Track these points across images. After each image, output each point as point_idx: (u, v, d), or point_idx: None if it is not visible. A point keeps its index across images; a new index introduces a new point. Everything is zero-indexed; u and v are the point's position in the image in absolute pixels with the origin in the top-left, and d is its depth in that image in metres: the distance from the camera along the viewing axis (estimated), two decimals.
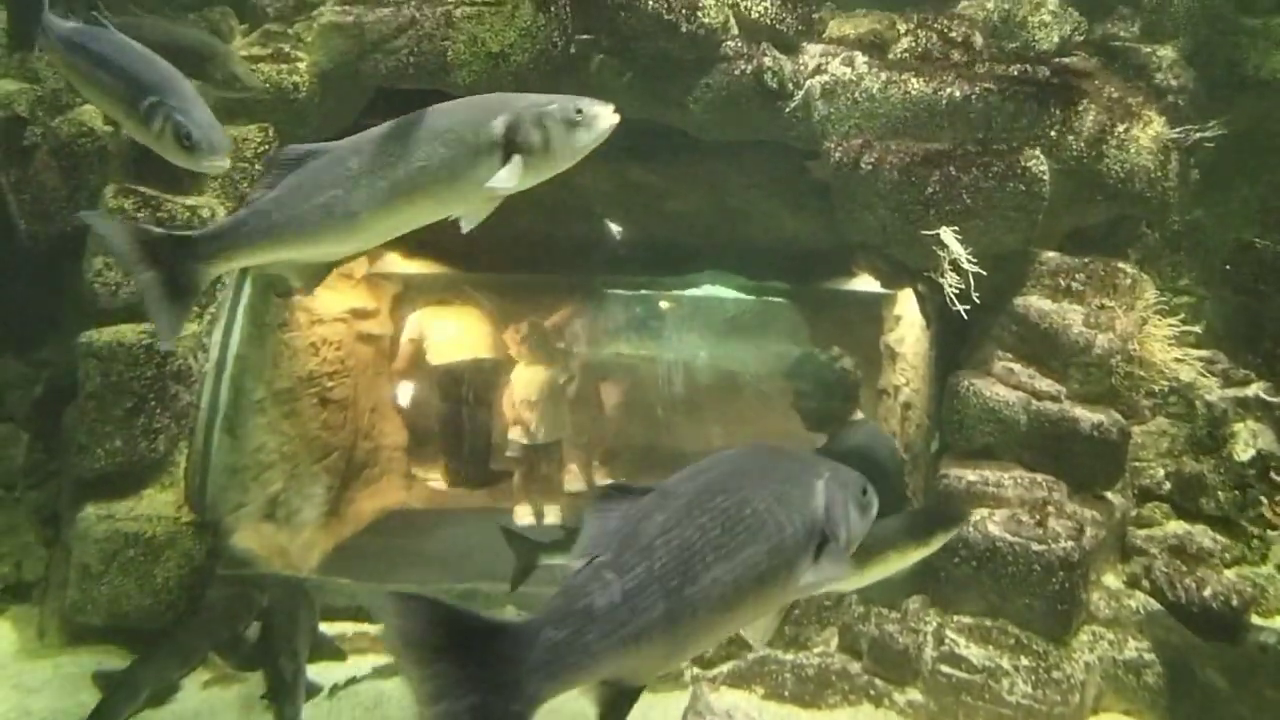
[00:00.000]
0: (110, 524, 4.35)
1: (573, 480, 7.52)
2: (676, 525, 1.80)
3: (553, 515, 6.90)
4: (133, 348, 4.40)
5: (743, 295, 6.95)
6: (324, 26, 4.89)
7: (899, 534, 3.43)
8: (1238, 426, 5.02)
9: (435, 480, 7.43)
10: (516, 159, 2.42)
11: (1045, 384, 4.60)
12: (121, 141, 4.76)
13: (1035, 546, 4.34)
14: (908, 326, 6.01)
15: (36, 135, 4.87)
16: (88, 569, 4.32)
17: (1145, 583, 4.61)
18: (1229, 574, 4.59)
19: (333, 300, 5.98)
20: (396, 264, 6.17)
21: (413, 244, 5.77)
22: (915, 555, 3.40)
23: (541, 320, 7.16)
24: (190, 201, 4.59)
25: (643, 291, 7.43)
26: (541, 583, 5.00)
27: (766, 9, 5.07)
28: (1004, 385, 4.63)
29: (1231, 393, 5.12)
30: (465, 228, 2.60)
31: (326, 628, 4.58)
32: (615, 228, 6.18)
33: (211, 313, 4.72)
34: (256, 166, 4.76)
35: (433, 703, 1.56)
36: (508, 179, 2.42)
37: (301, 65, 4.87)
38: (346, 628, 4.64)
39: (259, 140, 4.80)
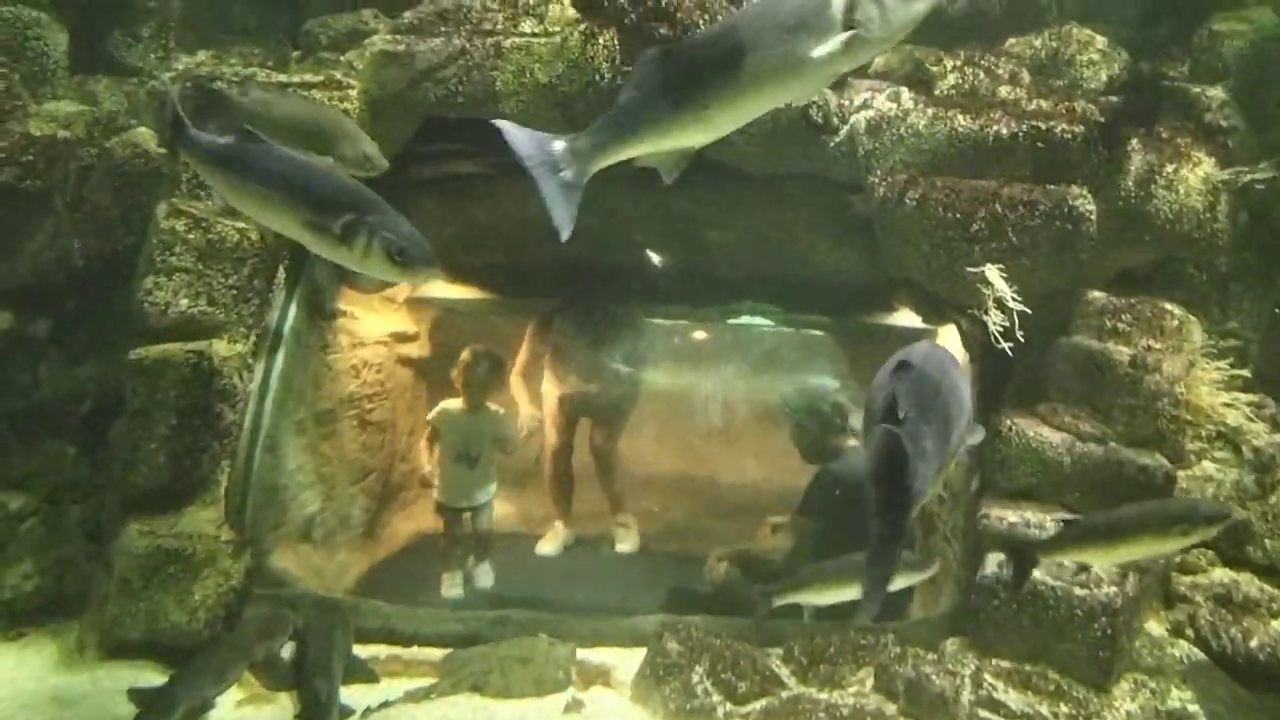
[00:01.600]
0: (151, 540, 4.40)
1: (549, 542, 6.64)
2: None
3: (485, 578, 5.96)
4: (180, 366, 4.46)
5: (782, 327, 6.93)
6: (375, 55, 4.97)
7: (1156, 519, 3.41)
8: None
9: None
10: (855, 35, 2.48)
11: (1090, 425, 4.54)
12: (174, 162, 4.85)
13: (1077, 591, 4.27)
14: None
15: (92, 156, 4.97)
16: (128, 584, 4.36)
17: (1189, 631, 4.52)
18: (1276, 624, 4.49)
19: (374, 323, 6.04)
20: (438, 289, 6.22)
21: (454, 269, 5.82)
22: (1168, 546, 3.38)
23: (492, 350, 6.10)
24: (241, 224, 4.66)
25: (681, 321, 7.42)
26: (575, 611, 5.01)
27: None
28: (1048, 425, 4.58)
29: None
30: (667, 179, 2.91)
31: (360, 650, 4.58)
32: (656, 257, 6.20)
33: (258, 334, 4.78)
34: None
35: None
36: (847, 56, 2.52)
37: (353, 93, 4.95)
38: (380, 650, 4.64)
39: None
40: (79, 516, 4.82)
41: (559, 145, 2.77)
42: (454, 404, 6.01)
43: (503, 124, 2.87)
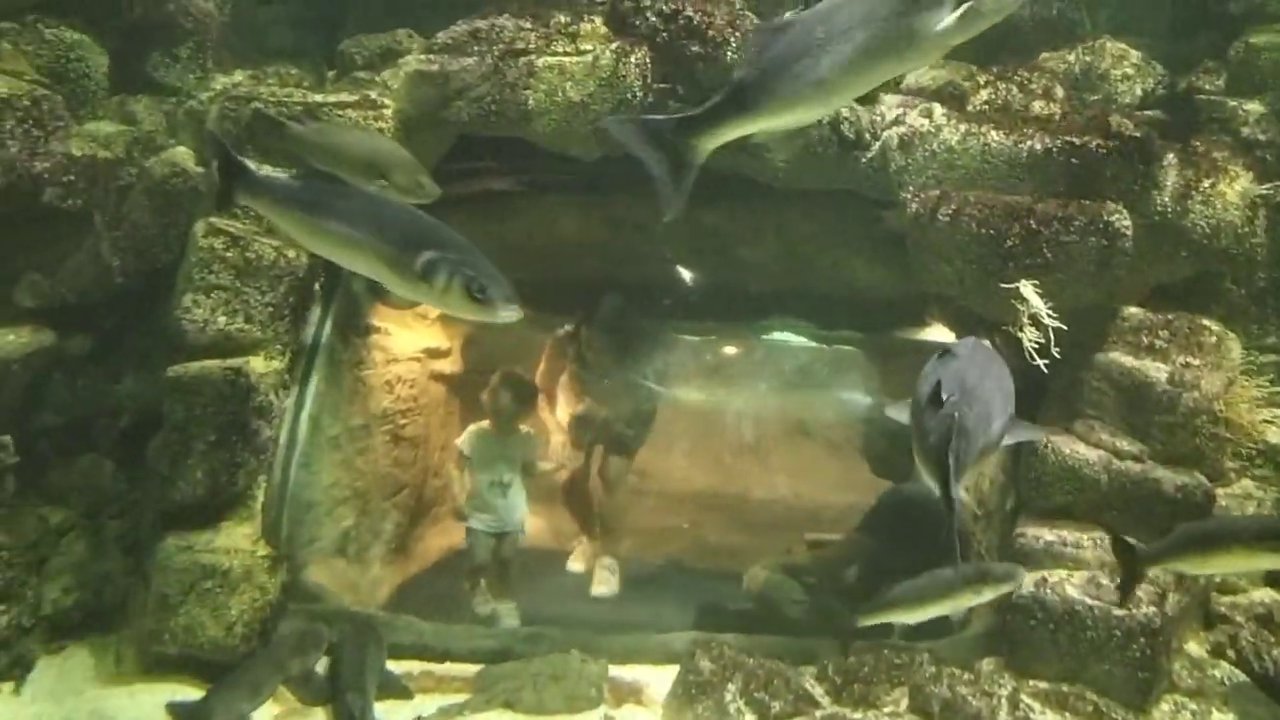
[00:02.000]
0: (189, 555, 4.44)
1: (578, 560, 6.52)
2: None
3: (510, 618, 5.62)
4: (218, 383, 4.51)
5: (813, 343, 6.92)
6: (410, 75, 5.01)
7: (1253, 532, 3.44)
8: None
9: None
10: (969, 7, 2.53)
11: (1126, 443, 4.50)
12: (213, 182, 4.91)
13: (1115, 611, 4.23)
14: None
15: (131, 175, 5.05)
16: (165, 599, 4.40)
17: (1230, 652, 4.46)
18: None
19: (408, 339, 6.09)
20: None
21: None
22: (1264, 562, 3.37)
23: (521, 376, 6.09)
24: (278, 242, 4.72)
25: (712, 338, 7.42)
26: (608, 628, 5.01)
27: None
28: (1084, 443, 4.54)
29: None
30: (667, 217, 2.98)
31: (393, 665, 4.60)
32: (686, 273, 6.21)
33: (293, 351, 4.83)
34: None
35: None
36: (960, 27, 2.56)
37: (387, 112, 4.99)
38: (413, 666, 4.66)
39: None
40: (117, 531, 4.87)
41: (669, 128, 2.81)
42: (483, 426, 5.98)
43: (607, 121, 2.96)
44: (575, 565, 6.55)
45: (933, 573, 4.18)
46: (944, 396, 2.53)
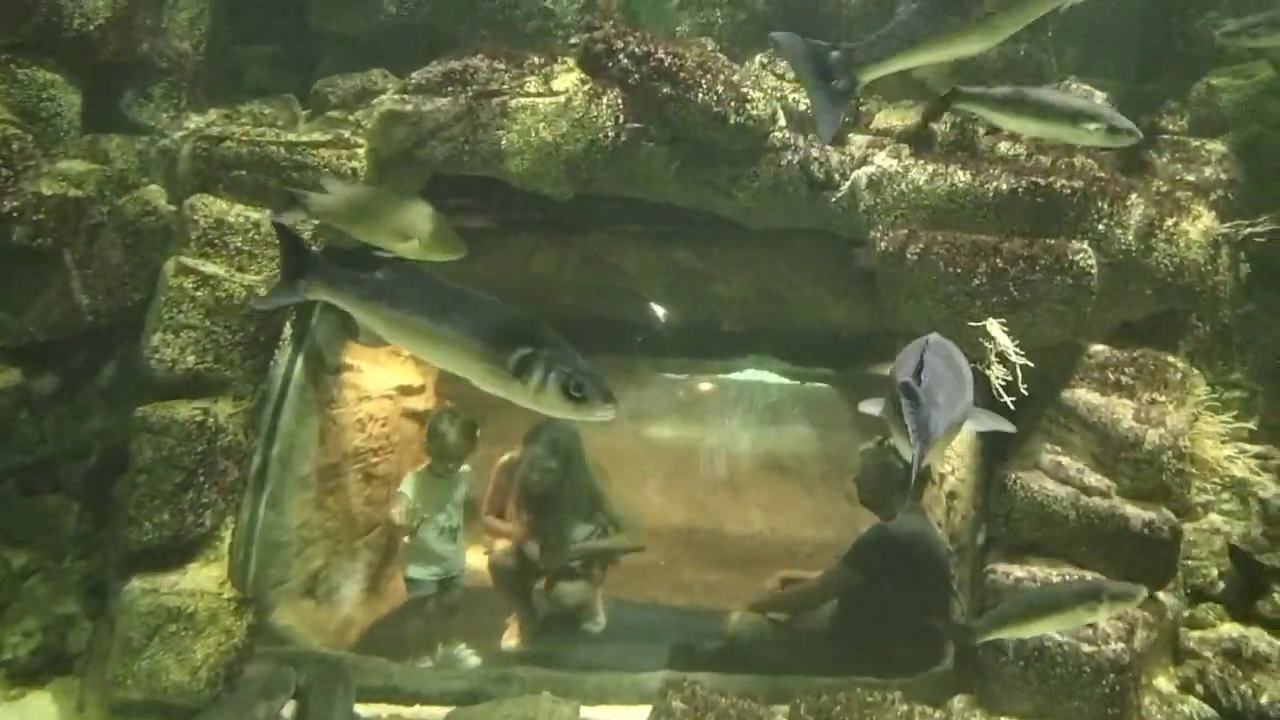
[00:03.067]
0: (154, 598, 4.39)
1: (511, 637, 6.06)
2: None
3: (470, 659, 5.59)
4: (185, 423, 4.49)
5: (786, 380, 6.95)
6: (383, 114, 5.04)
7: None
8: None
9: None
10: None
11: (1094, 479, 4.53)
12: (183, 220, 4.91)
13: (1085, 647, 4.24)
14: None
15: (102, 214, 5.03)
16: (129, 643, 4.35)
17: (1199, 687, 4.47)
18: None
19: (380, 376, 6.07)
20: None
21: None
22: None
23: (458, 413, 5.83)
24: (248, 281, 4.72)
25: (685, 375, 7.45)
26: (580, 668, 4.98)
27: None
28: (1052, 480, 4.57)
29: None
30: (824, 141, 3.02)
31: (362, 709, 4.55)
32: (659, 311, 6.23)
33: (264, 389, 4.81)
34: (315, 248, 4.88)
35: None
36: None
37: (360, 151, 5.01)
38: (382, 709, 4.61)
39: (317, 223, 4.92)
40: (82, 573, 4.82)
41: (834, 54, 2.83)
42: (424, 470, 5.81)
43: (778, 35, 2.93)
44: (509, 643, 6.09)
45: (1049, 586, 4.17)
46: (922, 375, 2.67)
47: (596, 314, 5.91)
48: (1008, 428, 3.34)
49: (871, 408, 3.09)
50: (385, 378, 6.16)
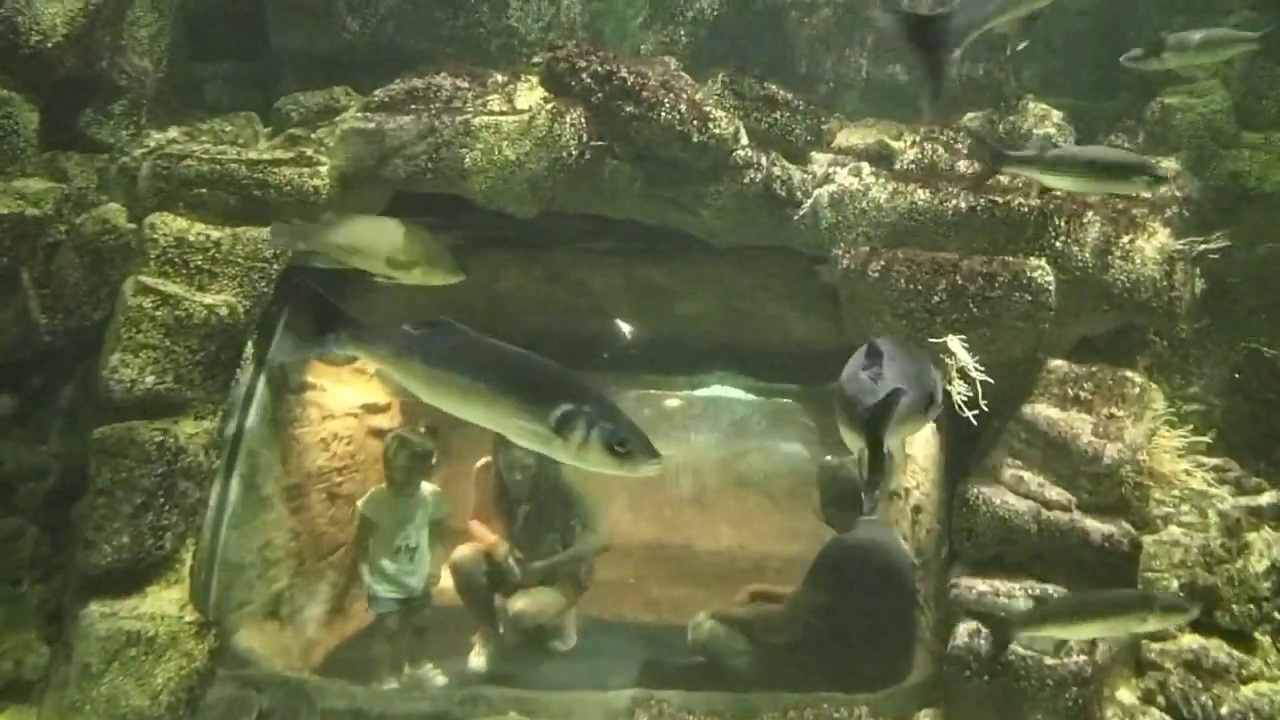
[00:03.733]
0: (113, 622, 4.33)
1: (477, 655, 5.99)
2: None
3: (437, 678, 5.62)
4: (145, 444, 4.44)
5: (751, 396, 6.98)
6: (346, 132, 5.03)
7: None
8: (1252, 537, 4.97)
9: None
10: None
11: (1055, 493, 4.58)
12: (142, 239, 4.87)
13: (1048, 661, 4.28)
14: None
15: (60, 233, 4.97)
16: (88, 668, 4.28)
17: (1161, 699, 4.52)
18: (1246, 690, 4.50)
19: (344, 395, 6.04)
20: None
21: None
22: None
23: (414, 436, 5.83)
24: (209, 300, 4.68)
25: (652, 391, 7.46)
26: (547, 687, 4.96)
27: (776, 120, 5.22)
28: (1014, 494, 4.61)
29: (1244, 501, 5.09)
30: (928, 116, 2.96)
31: None
32: (625, 327, 6.25)
33: (225, 409, 4.77)
34: (275, 267, 4.85)
35: None
36: None
37: (323, 169, 4.99)
38: None
39: None
40: (40, 597, 4.73)
41: (934, 21, 2.81)
42: (384, 489, 5.79)
43: (879, 13, 2.94)
44: (476, 661, 6.01)
45: (1098, 591, 4.19)
46: (869, 369, 2.75)
47: (562, 331, 5.91)
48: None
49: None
50: (350, 396, 6.12)
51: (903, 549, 5.67)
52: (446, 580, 5.98)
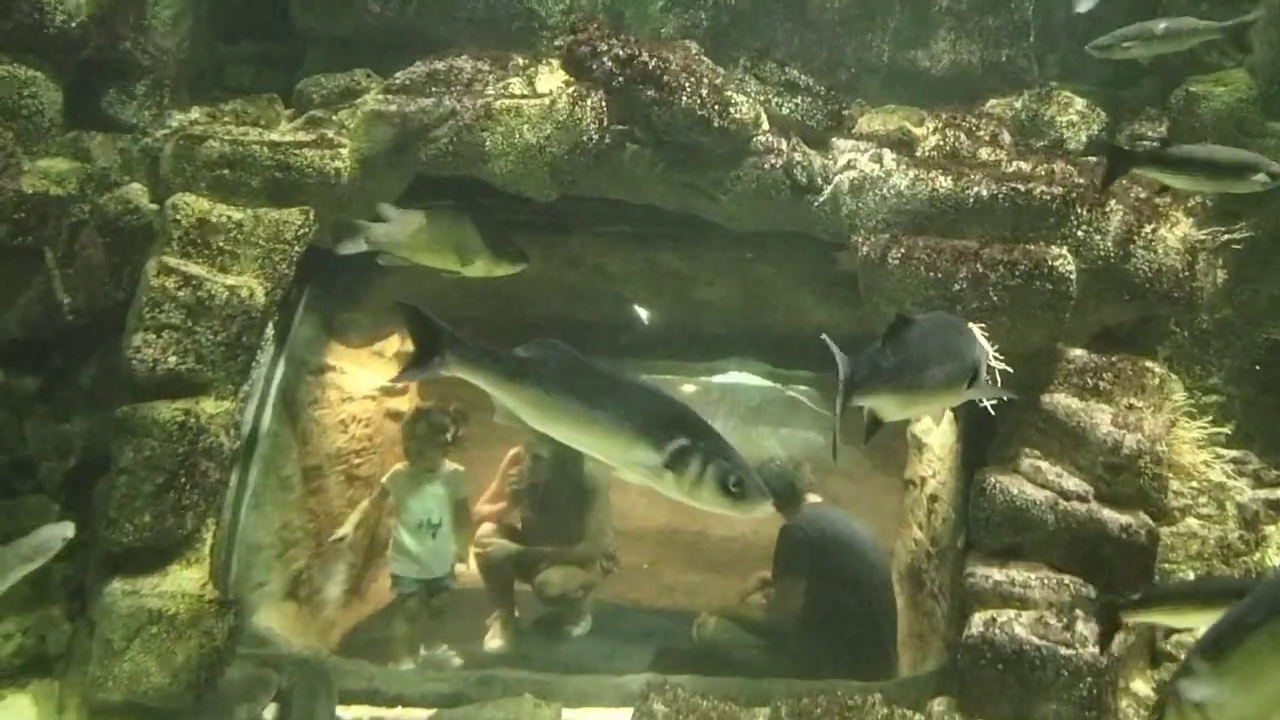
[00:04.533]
0: (135, 600, 4.38)
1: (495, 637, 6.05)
2: None
3: (453, 660, 5.66)
4: (166, 424, 4.47)
5: (768, 382, 6.97)
6: (367, 115, 5.03)
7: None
8: (1269, 529, 4.95)
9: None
10: None
11: (1073, 483, 4.57)
12: (164, 219, 4.89)
13: (1063, 650, 4.28)
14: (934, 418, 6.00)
15: (84, 213, 5.00)
16: (110, 644, 4.33)
17: None
18: None
19: (363, 378, 6.06)
20: None
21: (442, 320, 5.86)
22: None
23: (436, 408, 5.93)
24: (230, 281, 4.70)
25: (669, 377, 7.45)
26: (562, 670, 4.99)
27: (798, 105, 5.20)
28: (1031, 484, 4.60)
29: (1263, 494, 5.06)
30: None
31: (343, 711, 4.55)
32: (643, 312, 6.25)
33: (246, 390, 4.80)
34: (296, 249, 4.87)
35: None
36: None
37: (344, 151, 5.00)
38: (364, 712, 4.60)
39: (300, 223, 4.91)
40: (63, 574, 4.78)
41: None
42: (404, 466, 5.80)
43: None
44: (492, 643, 6.08)
45: (1212, 577, 4.19)
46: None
47: (581, 316, 5.91)
48: (1008, 395, 3.62)
49: None
50: (368, 378, 6.15)
51: (849, 517, 5.78)
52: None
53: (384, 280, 5.17)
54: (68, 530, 3.72)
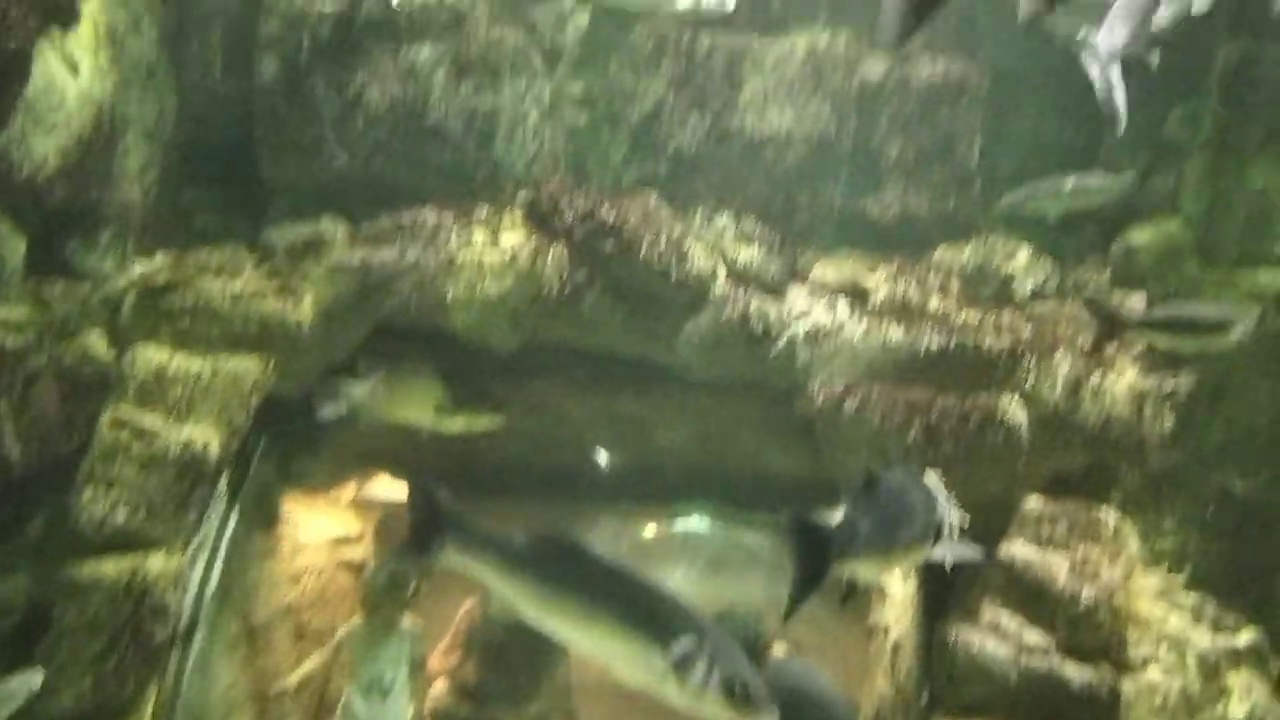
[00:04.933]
0: None
1: None
2: None
3: None
4: (112, 584, 4.38)
5: (728, 527, 6.93)
6: (330, 265, 5.11)
7: None
8: (1231, 679, 4.92)
9: None
10: None
11: (1034, 636, 4.56)
12: (123, 371, 4.87)
13: None
14: None
15: (40, 363, 4.96)
16: None
17: None
18: None
19: (316, 526, 5.95)
20: (383, 489, 6.18)
21: (399, 469, 5.82)
22: None
23: (397, 559, 5.50)
24: (185, 435, 4.66)
25: (628, 522, 7.40)
26: None
27: (754, 255, 5.34)
28: (993, 638, 4.59)
29: (1223, 643, 5.04)
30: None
31: None
32: (603, 458, 6.25)
33: (195, 547, 4.71)
34: (254, 399, 4.86)
35: None
36: None
37: (306, 302, 5.05)
38: None
39: (258, 373, 4.91)
40: None
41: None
42: (361, 622, 5.60)
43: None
44: None
45: None
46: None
47: (540, 461, 5.90)
48: (975, 554, 3.52)
49: None
50: (322, 527, 6.04)
51: (815, 671, 5.65)
52: None
53: (341, 428, 5.15)
54: (35, 680, 3.57)
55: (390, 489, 6.21)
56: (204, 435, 4.72)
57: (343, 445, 5.37)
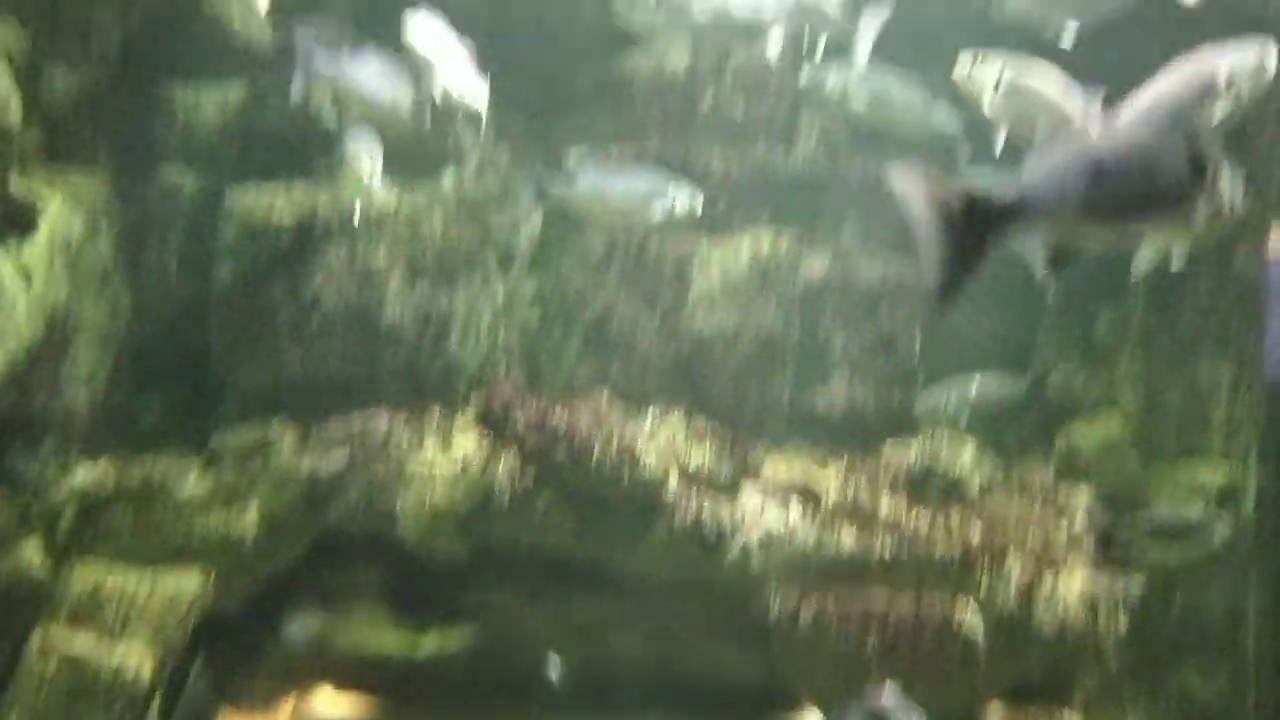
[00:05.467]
0: None
1: None
2: None
3: None
4: None
5: None
6: (277, 473, 5.05)
7: None
8: None
9: None
10: None
11: None
12: (56, 589, 4.71)
13: None
14: None
15: None
16: None
17: None
18: None
19: None
20: (325, 702, 5.91)
21: (345, 679, 5.60)
22: None
23: None
24: (117, 659, 4.48)
25: None
26: None
27: (705, 456, 5.37)
28: None
29: None
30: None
31: None
32: (557, 666, 6.06)
33: None
34: (192, 615, 4.70)
35: None
36: None
37: (251, 511, 4.97)
38: None
39: (197, 588, 4.77)
40: None
41: None
42: None
43: None
44: None
45: None
46: None
47: (491, 669, 5.71)
48: None
49: None
50: None
51: None
52: None
53: (281, 644, 4.98)
54: None
55: (332, 704, 5.94)
56: (137, 657, 4.54)
57: (282, 661, 5.16)
